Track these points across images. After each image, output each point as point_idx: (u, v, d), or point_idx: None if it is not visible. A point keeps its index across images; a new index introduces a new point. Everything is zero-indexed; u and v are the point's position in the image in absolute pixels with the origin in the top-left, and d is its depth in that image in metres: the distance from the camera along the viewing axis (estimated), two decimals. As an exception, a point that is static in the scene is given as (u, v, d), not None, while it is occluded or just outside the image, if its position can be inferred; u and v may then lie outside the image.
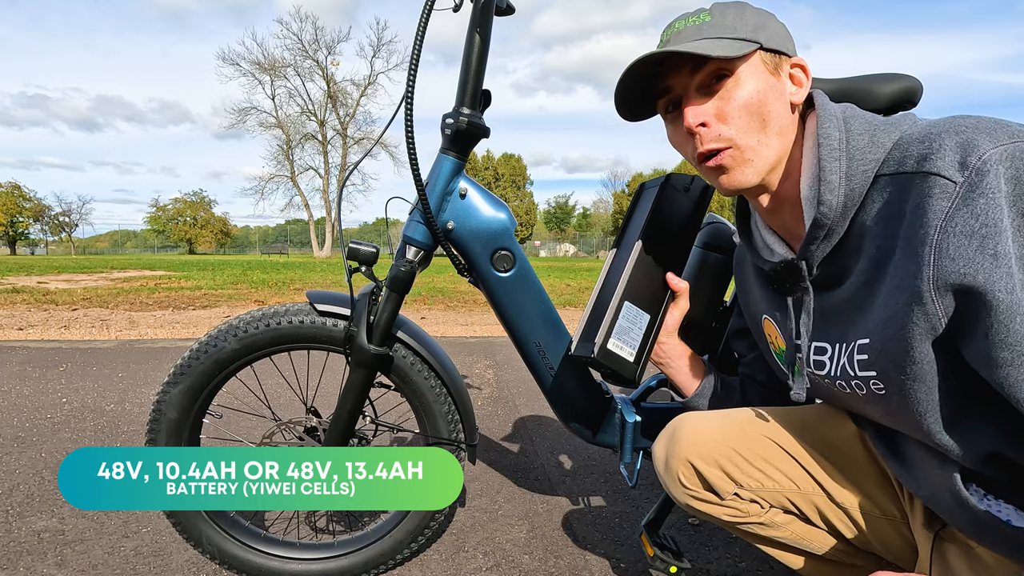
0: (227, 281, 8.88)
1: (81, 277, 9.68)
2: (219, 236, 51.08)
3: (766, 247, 0.82)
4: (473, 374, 3.07)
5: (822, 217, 0.69)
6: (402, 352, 1.10)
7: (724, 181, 0.74)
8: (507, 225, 1.09)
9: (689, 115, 0.72)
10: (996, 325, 0.55)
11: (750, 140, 0.71)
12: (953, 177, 0.57)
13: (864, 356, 0.69)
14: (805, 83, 0.74)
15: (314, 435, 1.13)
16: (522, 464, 1.85)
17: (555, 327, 1.15)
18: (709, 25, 0.72)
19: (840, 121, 0.70)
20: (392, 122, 1.06)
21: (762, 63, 0.72)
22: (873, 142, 0.67)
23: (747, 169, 0.73)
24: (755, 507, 0.86)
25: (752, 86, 0.71)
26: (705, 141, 0.72)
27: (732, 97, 0.71)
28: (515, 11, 1.08)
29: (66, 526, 1.37)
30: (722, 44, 0.70)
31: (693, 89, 0.73)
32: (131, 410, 2.30)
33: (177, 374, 1.04)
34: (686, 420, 0.90)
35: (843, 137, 0.69)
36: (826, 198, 0.68)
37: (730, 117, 0.71)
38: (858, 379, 0.71)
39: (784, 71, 0.74)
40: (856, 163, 0.67)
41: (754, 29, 0.72)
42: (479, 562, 1.27)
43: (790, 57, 0.74)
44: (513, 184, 44.99)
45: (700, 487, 0.86)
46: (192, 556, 1.25)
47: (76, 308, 5.34)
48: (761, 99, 0.71)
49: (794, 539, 0.89)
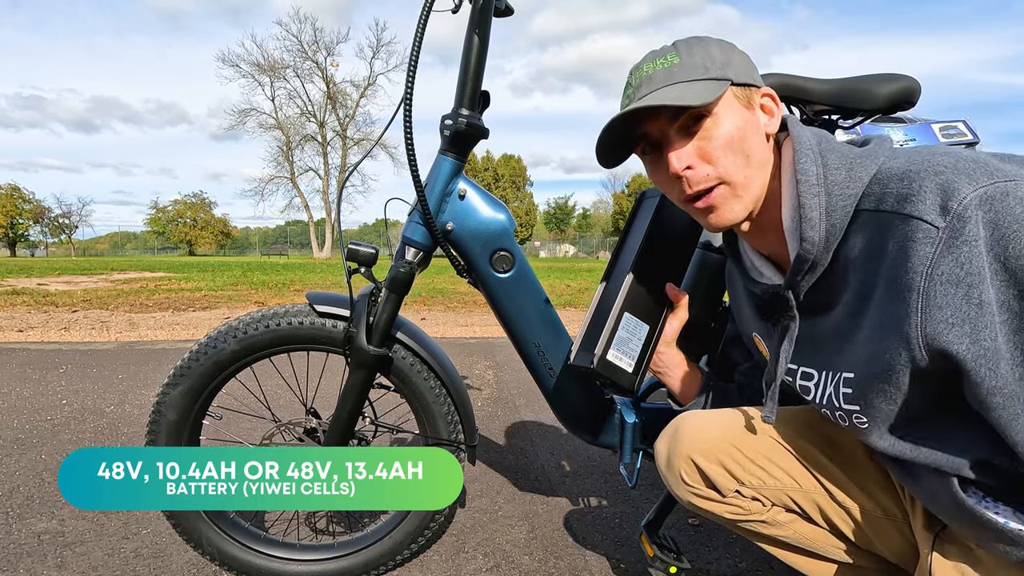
0: (227, 282, 8.88)
1: (81, 279, 9.68)
2: (219, 237, 51.08)
3: (755, 268, 0.83)
4: (473, 375, 3.07)
5: (805, 253, 0.70)
6: (401, 353, 1.10)
7: (713, 220, 0.75)
8: (506, 226, 1.09)
9: (674, 160, 0.72)
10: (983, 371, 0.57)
11: (737, 176, 0.72)
12: (935, 222, 0.58)
13: (848, 390, 0.70)
14: (776, 112, 0.76)
15: (314, 436, 1.13)
16: (522, 465, 1.85)
17: (554, 328, 1.15)
18: (679, 67, 0.72)
19: (816, 155, 0.71)
20: (391, 123, 1.06)
21: (735, 99, 0.72)
22: (851, 176, 0.68)
23: (735, 205, 0.73)
24: (757, 505, 0.86)
25: (730, 123, 0.71)
26: (693, 184, 0.73)
27: (712, 137, 0.71)
28: (514, 12, 1.08)
29: (66, 528, 1.37)
30: (696, 88, 0.70)
31: (673, 133, 0.73)
32: (131, 412, 2.30)
33: (177, 375, 1.04)
34: (688, 418, 0.91)
35: (820, 172, 0.69)
36: (808, 235, 0.69)
37: (713, 157, 0.71)
38: (841, 411, 0.72)
39: (756, 103, 0.74)
40: (835, 198, 0.68)
41: (722, 66, 0.72)
42: (479, 563, 1.27)
43: (759, 88, 0.75)
44: (513, 185, 45.01)
45: (702, 484, 0.86)
46: (192, 557, 1.25)
47: (76, 310, 5.34)
48: (740, 135, 0.71)
49: (796, 538, 0.89)
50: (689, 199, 0.75)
